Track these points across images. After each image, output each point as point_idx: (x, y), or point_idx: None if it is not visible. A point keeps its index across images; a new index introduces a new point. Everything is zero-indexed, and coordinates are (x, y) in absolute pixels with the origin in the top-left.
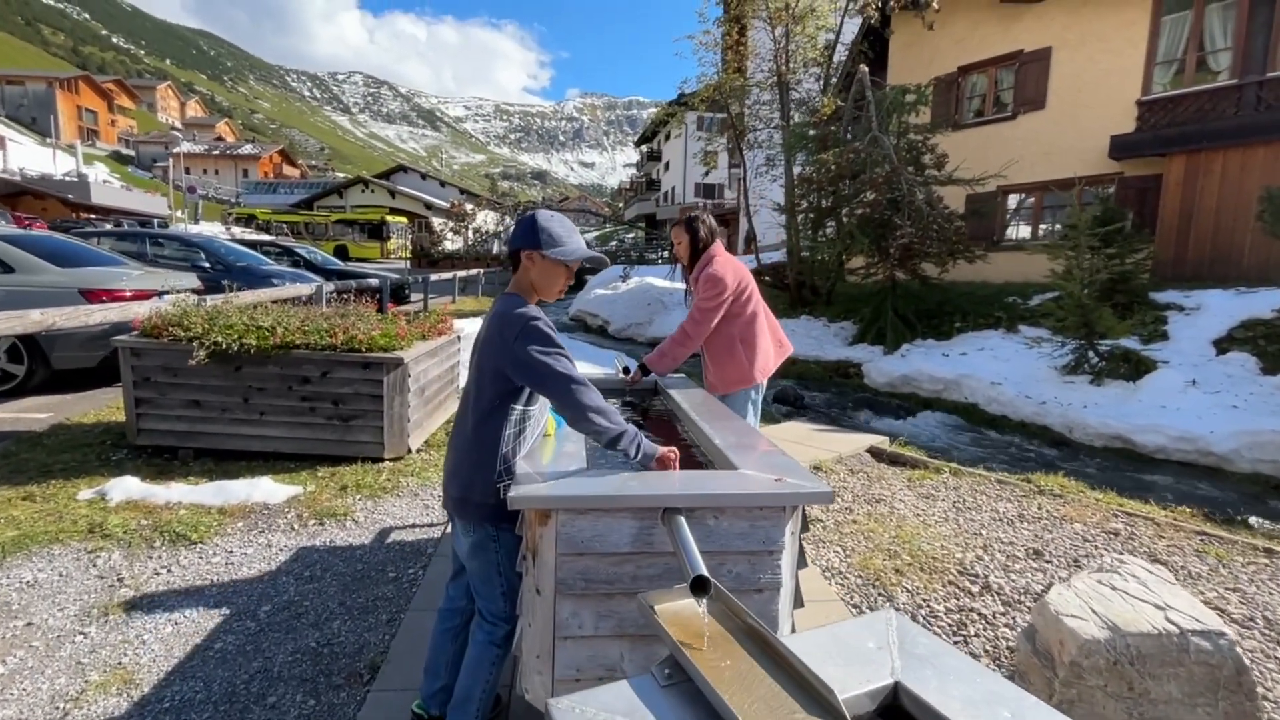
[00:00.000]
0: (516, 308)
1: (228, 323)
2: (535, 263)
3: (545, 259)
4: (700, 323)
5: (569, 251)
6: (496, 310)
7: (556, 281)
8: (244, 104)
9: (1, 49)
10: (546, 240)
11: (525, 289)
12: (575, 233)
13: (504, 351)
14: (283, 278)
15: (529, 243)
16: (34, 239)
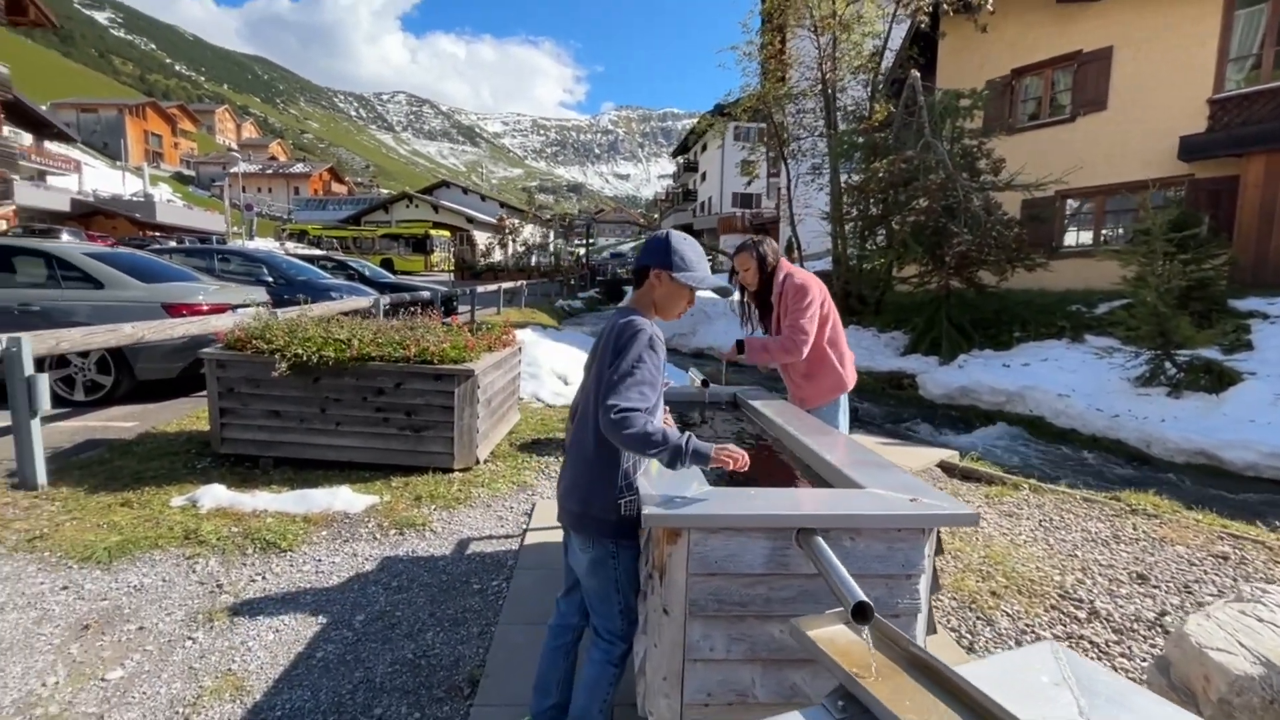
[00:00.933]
0: (635, 320)
1: (306, 335)
2: (662, 283)
3: (673, 281)
4: (806, 332)
5: (698, 277)
6: (615, 325)
7: (679, 304)
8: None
9: (77, 79)
10: (678, 263)
11: (646, 306)
12: (705, 259)
13: (610, 355)
14: (340, 291)
15: (660, 262)
16: (122, 256)
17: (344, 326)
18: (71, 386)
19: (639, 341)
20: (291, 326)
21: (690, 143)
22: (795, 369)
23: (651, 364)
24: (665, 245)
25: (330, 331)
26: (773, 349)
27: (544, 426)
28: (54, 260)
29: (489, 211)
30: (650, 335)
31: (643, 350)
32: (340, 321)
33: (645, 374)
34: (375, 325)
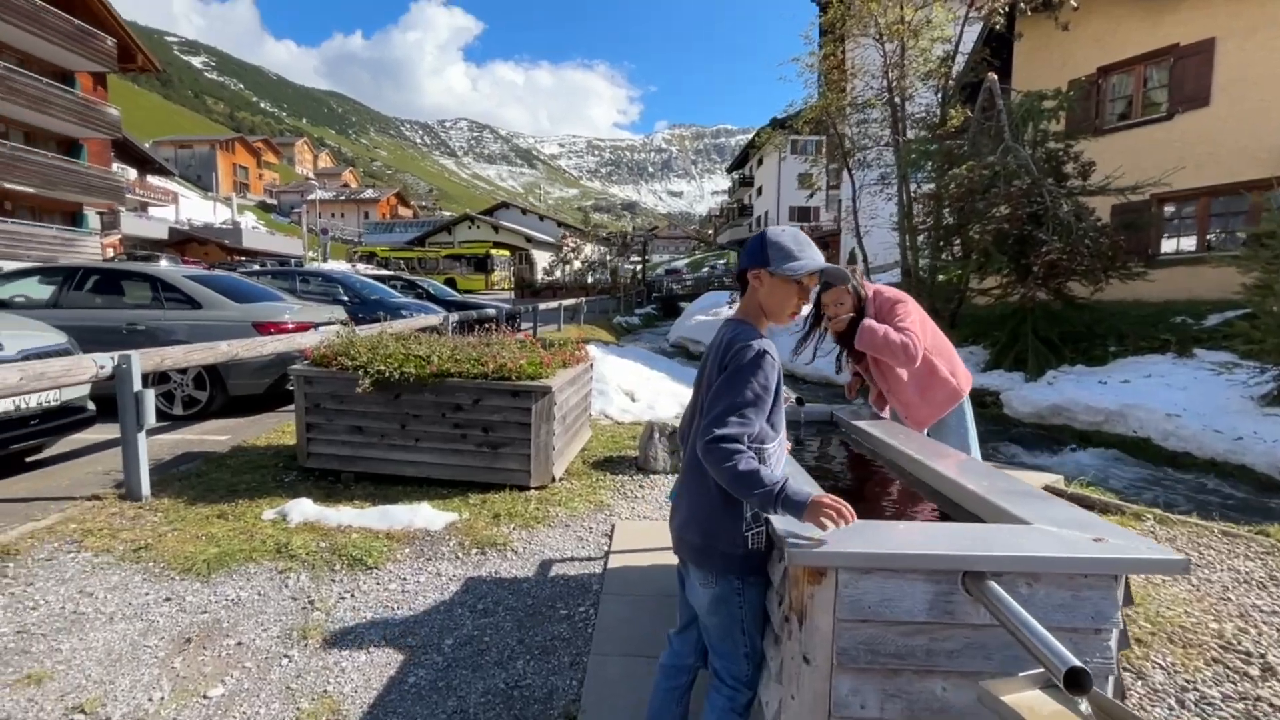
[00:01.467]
0: (745, 334)
1: (387, 352)
2: (764, 282)
3: (774, 277)
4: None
5: (800, 265)
6: (723, 338)
7: (788, 301)
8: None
9: (175, 119)
10: (776, 256)
11: (754, 313)
12: (810, 246)
13: (718, 373)
14: (410, 309)
15: (756, 261)
16: (216, 278)
17: (422, 343)
18: (171, 401)
19: (743, 357)
20: (373, 343)
21: (746, 158)
22: (902, 389)
23: (758, 383)
24: (760, 242)
25: (410, 348)
26: (884, 334)
27: (615, 444)
28: (158, 283)
29: (547, 230)
30: (757, 350)
31: (746, 367)
32: (419, 338)
33: (748, 395)
34: (452, 342)
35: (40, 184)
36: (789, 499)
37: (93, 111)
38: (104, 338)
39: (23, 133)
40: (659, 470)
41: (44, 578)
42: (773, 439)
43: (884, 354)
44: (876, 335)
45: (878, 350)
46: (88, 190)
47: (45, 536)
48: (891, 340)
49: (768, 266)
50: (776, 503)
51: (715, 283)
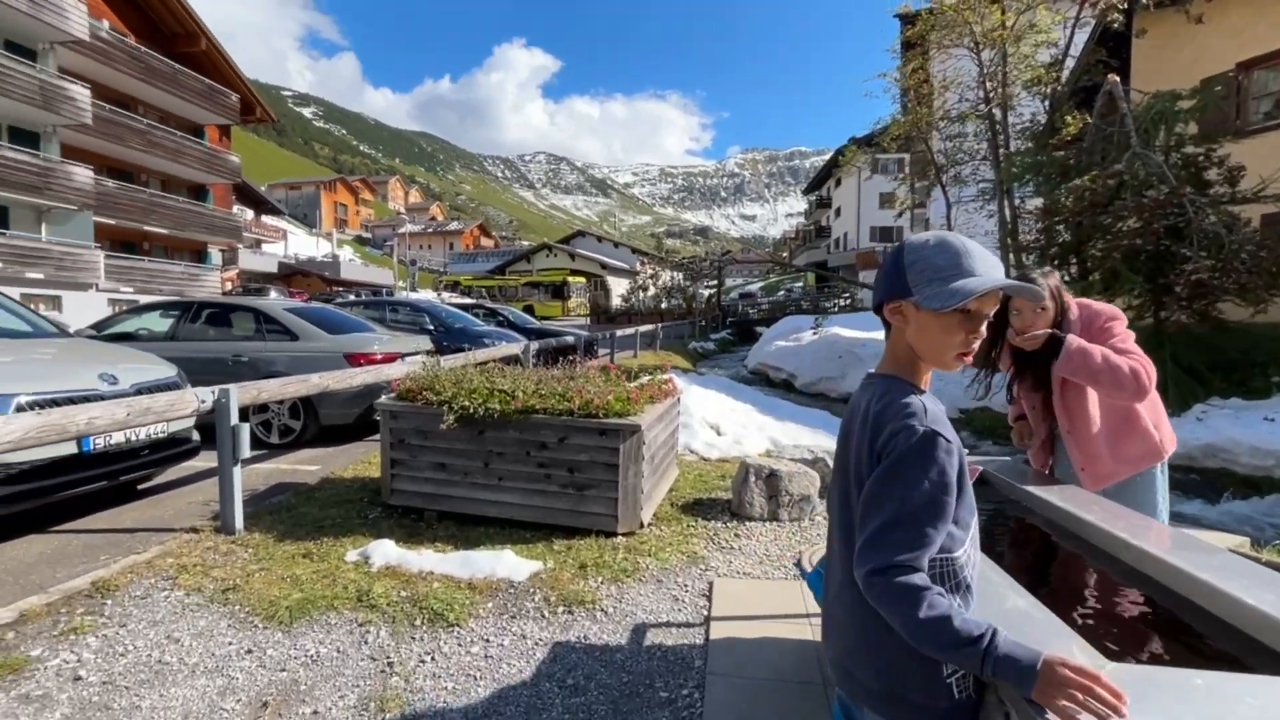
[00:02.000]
0: (900, 404)
1: (472, 386)
2: (911, 318)
3: (924, 310)
4: (1151, 371)
5: (964, 288)
6: (869, 407)
7: (949, 339)
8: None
9: (287, 163)
10: (922, 278)
11: (903, 364)
12: (977, 254)
13: (872, 463)
14: (492, 337)
15: (894, 289)
16: (312, 310)
17: (506, 376)
18: (269, 430)
19: (904, 443)
20: (458, 377)
21: (824, 179)
22: (1090, 436)
23: (932, 481)
24: (896, 264)
25: (494, 381)
26: (1116, 370)
27: (703, 484)
28: (260, 316)
29: (621, 257)
30: (923, 432)
31: (912, 458)
32: (502, 371)
33: (919, 501)
34: (537, 375)
35: (173, 226)
36: (1004, 662)
37: (218, 160)
38: (213, 368)
39: (160, 181)
40: (755, 517)
41: (137, 618)
42: (962, 544)
43: (1100, 383)
44: (1093, 359)
45: (1092, 378)
46: (212, 230)
47: (144, 571)
48: (1115, 366)
49: (910, 297)
50: (985, 666)
51: (793, 306)
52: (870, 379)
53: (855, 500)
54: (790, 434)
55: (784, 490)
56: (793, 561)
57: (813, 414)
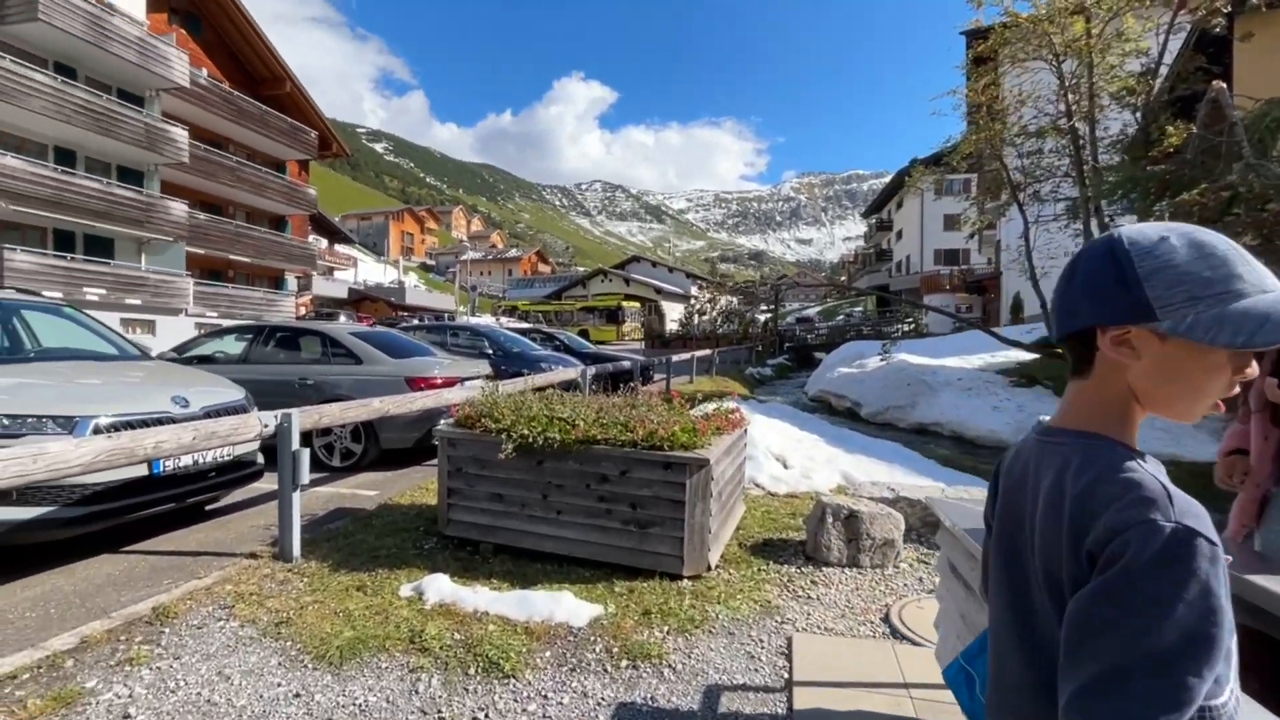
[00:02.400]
0: (1119, 476)
1: (531, 414)
2: (1146, 350)
3: (1182, 342)
4: None
5: (1274, 313)
6: (1062, 477)
7: (1210, 383)
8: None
9: (359, 195)
10: (1176, 293)
11: (1115, 413)
12: (1248, 259)
13: (1077, 565)
14: (549, 361)
15: (1121, 309)
16: (376, 335)
17: (566, 403)
18: (331, 453)
19: (1142, 550)
20: (517, 404)
21: (884, 201)
22: None
23: (1191, 608)
24: (1117, 272)
25: (553, 409)
26: None
27: (771, 522)
28: (326, 339)
29: (676, 282)
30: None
31: (1155, 573)
32: (562, 398)
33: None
34: (597, 403)
35: (254, 254)
36: None
37: (297, 193)
38: (282, 389)
39: (245, 213)
40: (833, 562)
41: (191, 650)
42: (1226, 685)
43: None
44: None
45: None
46: (289, 258)
47: (203, 598)
48: None
49: (1152, 321)
50: None
51: (853, 331)
52: (1055, 435)
53: (1042, 603)
54: (863, 468)
55: (865, 533)
56: (880, 617)
57: (885, 446)
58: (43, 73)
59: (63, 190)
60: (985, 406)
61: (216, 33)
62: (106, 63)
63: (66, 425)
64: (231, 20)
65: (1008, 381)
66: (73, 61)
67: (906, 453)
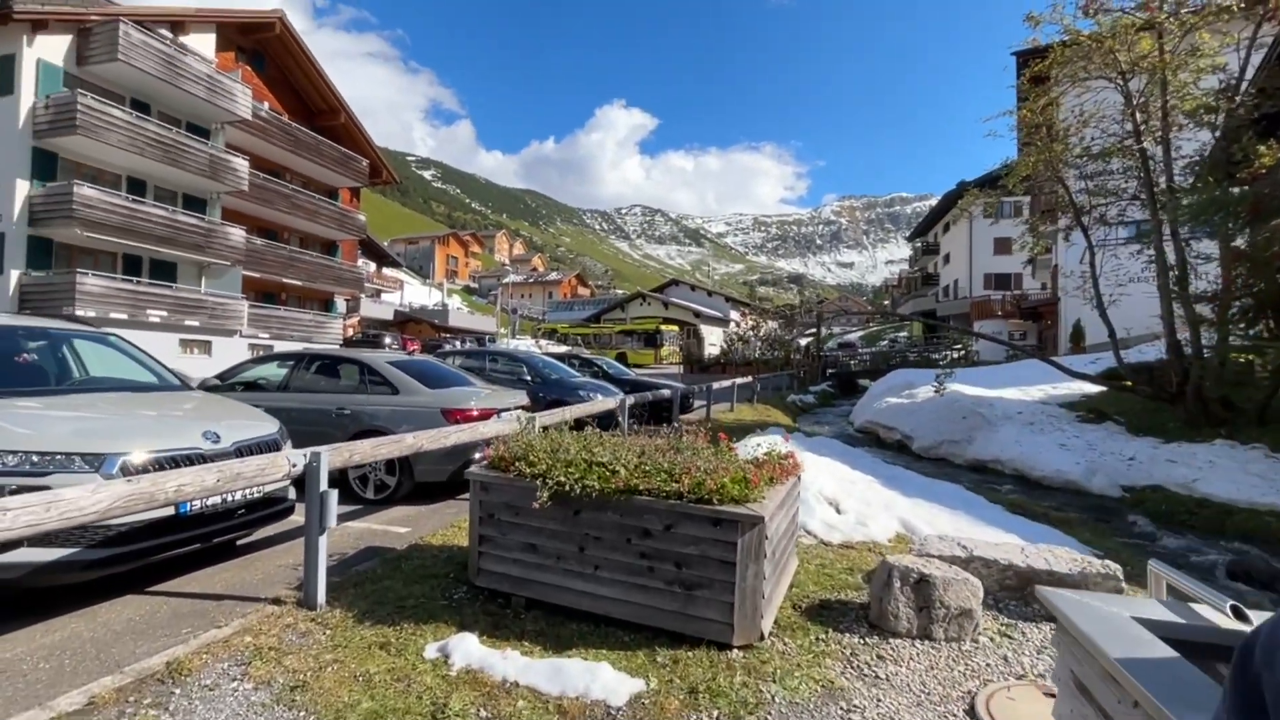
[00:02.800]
0: None
1: (569, 458)
2: None
3: None
4: None
5: None
6: None
7: None
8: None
9: (408, 220)
10: None
11: None
12: None
13: None
14: (588, 390)
15: None
16: (414, 364)
17: (605, 444)
18: (365, 485)
19: None
20: (554, 444)
21: (930, 224)
22: None
23: None
24: None
25: (592, 452)
26: None
27: (827, 578)
28: (365, 368)
29: (715, 305)
30: None
31: None
32: (601, 438)
33: None
34: (640, 445)
35: (306, 278)
36: None
37: (348, 219)
38: (320, 419)
39: (299, 238)
40: (901, 632)
41: (200, 716)
42: None
43: None
44: None
45: None
46: (339, 282)
47: (219, 651)
48: None
49: None
50: None
51: (898, 358)
52: None
53: None
54: (924, 514)
55: (938, 601)
56: (964, 709)
57: (945, 489)
58: (120, 109)
59: (132, 217)
60: (1051, 444)
61: (279, 68)
62: (178, 98)
63: (94, 463)
64: (293, 57)
65: (1074, 416)
66: (147, 98)
67: (970, 497)
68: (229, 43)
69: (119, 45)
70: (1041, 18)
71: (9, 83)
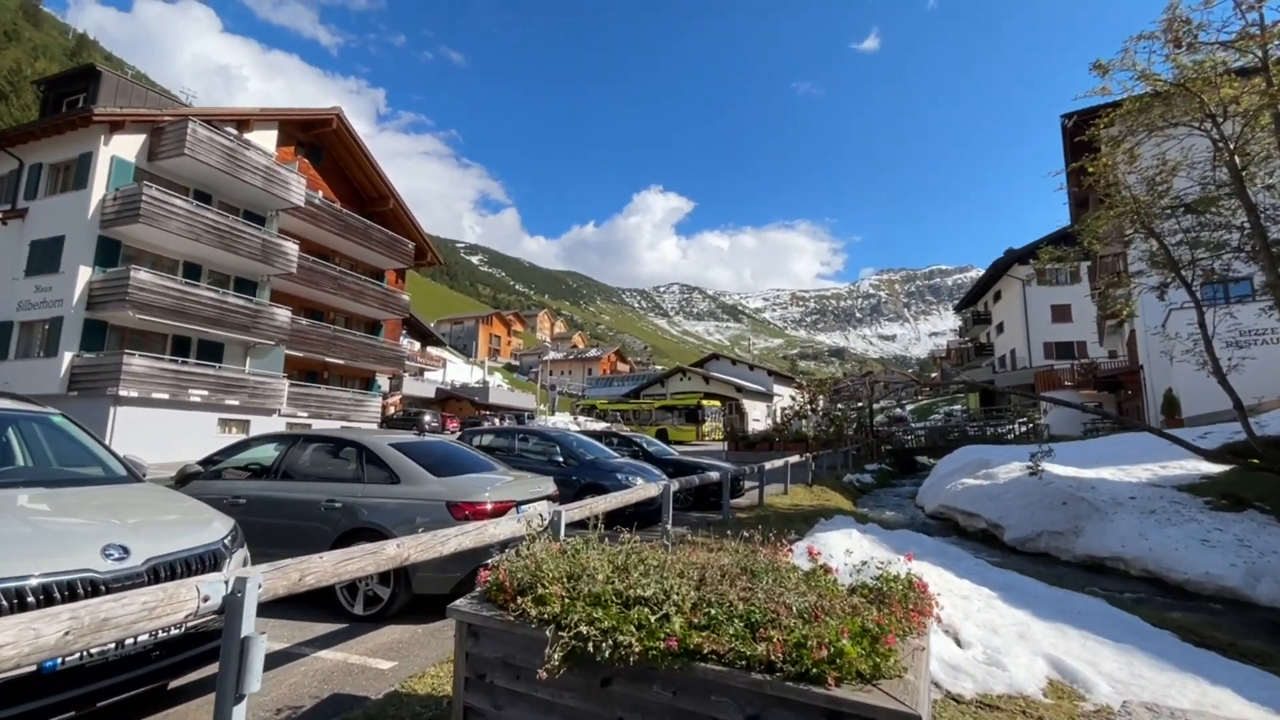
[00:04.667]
0: None
1: (594, 590)
2: None
3: None
4: None
5: None
6: None
7: None
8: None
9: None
10: None
11: None
12: None
13: None
14: (626, 472)
15: None
16: (423, 446)
17: (649, 571)
18: (354, 598)
19: None
20: (574, 568)
21: (979, 293)
22: None
23: None
24: None
25: (629, 579)
26: None
27: None
28: (364, 452)
29: (757, 380)
30: None
31: None
32: (641, 555)
33: None
34: (697, 565)
35: (348, 356)
36: None
37: (392, 299)
38: (306, 513)
39: (344, 317)
40: None
41: None
42: None
43: None
44: None
45: None
46: (381, 360)
47: None
48: None
49: None
50: None
51: (956, 432)
52: None
53: None
54: (1075, 648)
55: None
56: None
57: (1087, 607)
58: (182, 198)
59: (182, 300)
60: (1189, 538)
61: (334, 160)
62: (237, 188)
63: None
64: (348, 149)
65: (1202, 503)
66: (210, 189)
67: (1124, 618)
68: (289, 138)
69: (186, 141)
70: (1111, 65)
71: (84, 178)
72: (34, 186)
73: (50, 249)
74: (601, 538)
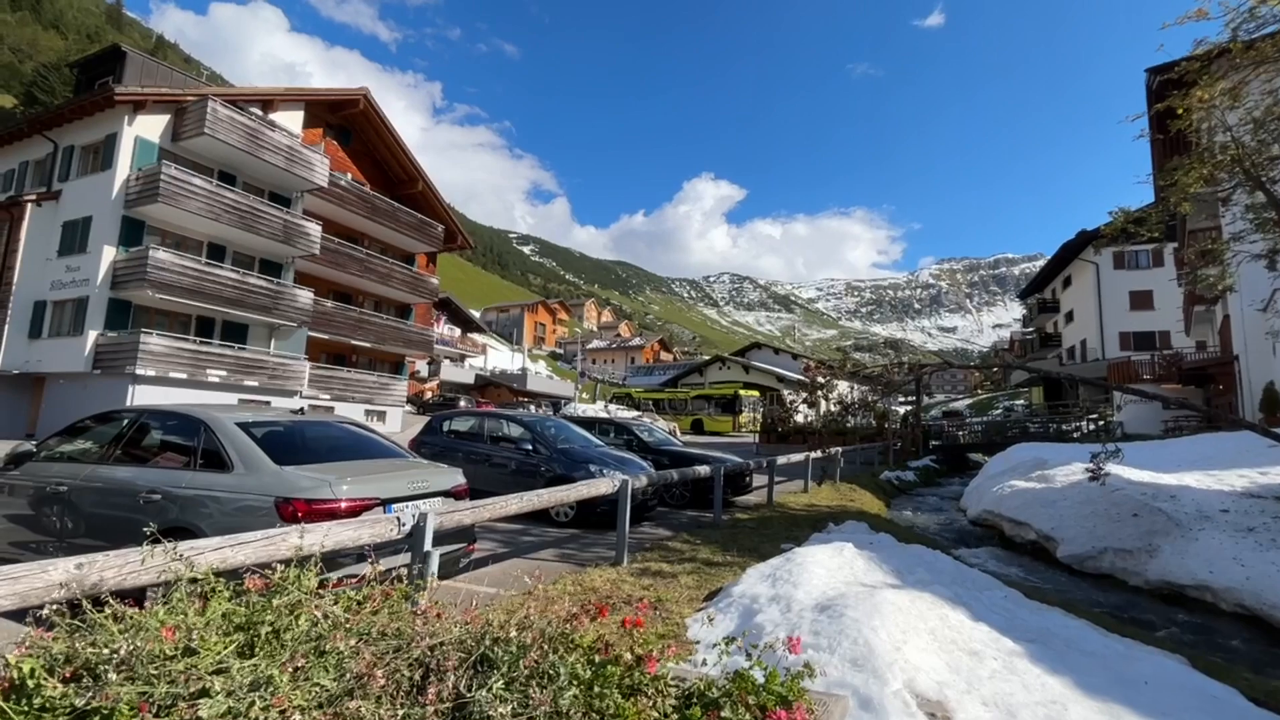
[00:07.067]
0: None
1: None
2: None
3: None
4: None
5: None
6: None
7: None
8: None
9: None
10: None
11: None
12: None
13: None
14: (602, 463)
15: None
16: (292, 428)
17: (279, 640)
18: None
19: None
20: (149, 652)
21: (1047, 280)
22: None
23: None
24: None
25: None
26: None
27: None
28: (205, 430)
29: (800, 370)
30: None
31: None
32: (295, 615)
33: None
34: (363, 665)
35: (375, 340)
36: None
37: (421, 283)
38: (122, 509)
39: (372, 301)
40: None
41: None
42: None
43: None
44: None
45: None
46: (409, 344)
47: None
48: None
49: None
50: None
51: (1016, 429)
52: None
53: None
54: None
55: None
56: None
57: (1156, 673)
58: (201, 178)
59: (201, 280)
60: None
61: (363, 142)
62: (260, 169)
63: None
64: (377, 133)
65: None
66: (233, 169)
67: (1216, 693)
68: (317, 119)
69: (206, 120)
70: None
71: (109, 158)
72: (67, 168)
73: (79, 229)
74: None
